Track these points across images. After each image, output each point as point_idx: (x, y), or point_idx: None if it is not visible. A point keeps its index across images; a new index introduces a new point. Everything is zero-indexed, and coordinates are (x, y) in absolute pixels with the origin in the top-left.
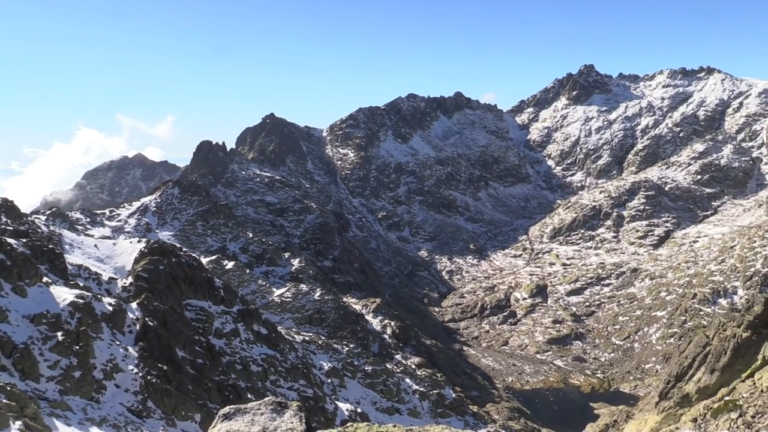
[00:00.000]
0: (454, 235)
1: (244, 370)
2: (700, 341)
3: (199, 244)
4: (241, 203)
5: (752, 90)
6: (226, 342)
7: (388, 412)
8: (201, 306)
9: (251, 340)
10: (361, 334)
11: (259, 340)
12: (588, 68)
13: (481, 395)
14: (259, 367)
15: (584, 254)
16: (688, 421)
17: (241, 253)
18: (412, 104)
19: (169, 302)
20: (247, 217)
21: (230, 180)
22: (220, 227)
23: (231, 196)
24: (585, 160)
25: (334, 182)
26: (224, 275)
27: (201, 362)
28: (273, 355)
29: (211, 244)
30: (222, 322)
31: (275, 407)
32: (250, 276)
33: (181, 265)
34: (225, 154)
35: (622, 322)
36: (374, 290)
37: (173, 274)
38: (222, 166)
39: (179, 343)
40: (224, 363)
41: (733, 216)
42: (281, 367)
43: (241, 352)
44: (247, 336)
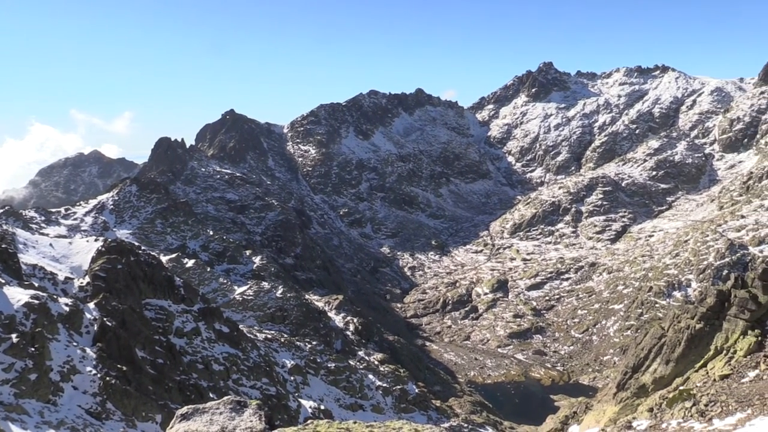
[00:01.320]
0: (416, 231)
1: (206, 370)
2: (655, 333)
3: (159, 243)
4: (201, 201)
5: (705, 88)
6: (187, 341)
7: (352, 408)
8: (161, 305)
9: (213, 338)
10: (324, 331)
11: (221, 338)
12: (547, 66)
13: (443, 390)
14: (220, 366)
15: (544, 249)
16: (645, 411)
17: (202, 251)
18: (374, 101)
19: (127, 302)
20: (207, 215)
21: (190, 177)
22: (180, 225)
23: (191, 193)
24: (544, 156)
25: (296, 179)
26: (184, 274)
27: (161, 362)
28: (235, 354)
29: (170, 243)
30: (182, 321)
31: (234, 406)
32: (211, 274)
33: (140, 264)
34: (184, 151)
35: (581, 316)
36: (336, 287)
37: (132, 273)
38: (181, 163)
39: (139, 343)
40: (185, 362)
41: (686, 211)
42: (243, 366)
43: (202, 351)
44: (208, 335)
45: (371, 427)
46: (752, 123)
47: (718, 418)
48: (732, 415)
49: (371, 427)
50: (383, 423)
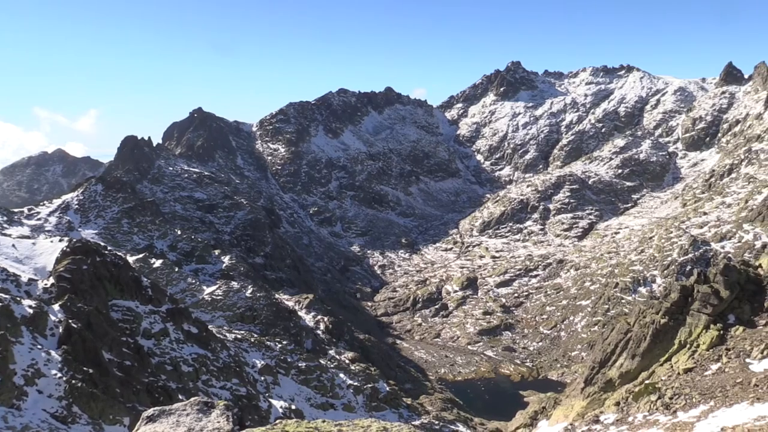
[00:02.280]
0: (386, 229)
1: (175, 371)
2: (621, 328)
3: (125, 243)
4: (169, 200)
5: (668, 88)
6: (155, 342)
7: (323, 407)
8: (128, 306)
9: (181, 339)
10: (294, 330)
11: (190, 339)
12: (515, 65)
13: (414, 388)
14: (189, 367)
15: (513, 247)
16: (612, 405)
17: (169, 250)
18: (343, 99)
19: (93, 303)
20: (175, 214)
21: (157, 176)
22: (147, 225)
23: (158, 192)
24: (513, 154)
25: (265, 178)
26: (152, 274)
27: (129, 364)
28: (204, 355)
29: (137, 242)
30: (150, 322)
31: (201, 407)
32: (179, 274)
33: (106, 265)
34: (151, 150)
35: (549, 312)
36: (307, 286)
37: (98, 273)
38: (148, 162)
39: (105, 345)
40: (153, 364)
41: (651, 208)
42: (213, 367)
43: (170, 352)
44: (176, 336)
45: (340, 425)
46: (714, 122)
47: (683, 410)
48: (695, 407)
49: (340, 425)
50: (352, 421)
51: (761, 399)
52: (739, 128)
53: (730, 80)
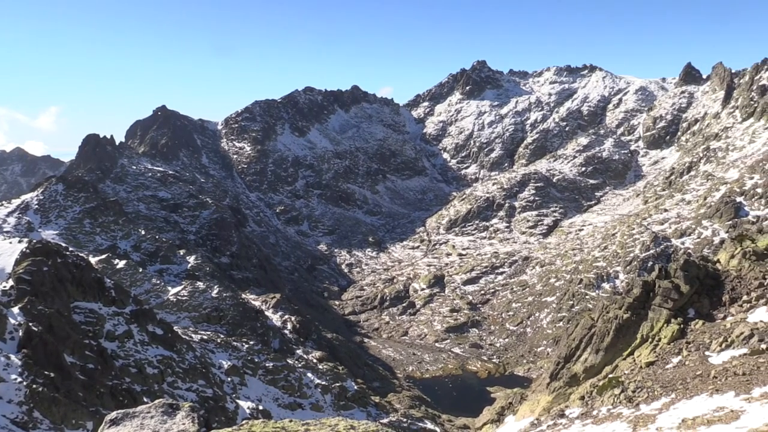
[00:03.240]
0: (353, 228)
1: (139, 373)
2: (586, 324)
3: (88, 243)
4: (132, 199)
5: (630, 87)
6: (118, 345)
7: (291, 407)
8: (90, 308)
9: (146, 341)
10: (261, 330)
11: (155, 341)
12: (480, 64)
13: (382, 386)
14: (155, 369)
15: (479, 244)
16: (577, 399)
17: (133, 251)
18: (309, 97)
19: (55, 305)
20: (138, 214)
21: (120, 175)
22: (110, 225)
23: (121, 191)
24: (478, 153)
25: (231, 176)
26: (115, 275)
27: (92, 367)
28: (170, 356)
29: (100, 243)
30: (114, 324)
31: (166, 409)
32: (144, 275)
33: (68, 266)
34: (114, 148)
35: (515, 309)
36: (274, 286)
37: (59, 275)
38: (111, 161)
39: (67, 348)
40: (117, 367)
41: (614, 205)
42: (179, 368)
43: (135, 354)
44: (141, 337)
45: (307, 425)
46: (674, 121)
47: (645, 403)
48: (657, 399)
49: (307, 425)
50: (319, 420)
51: (720, 390)
52: (697, 127)
53: (689, 80)
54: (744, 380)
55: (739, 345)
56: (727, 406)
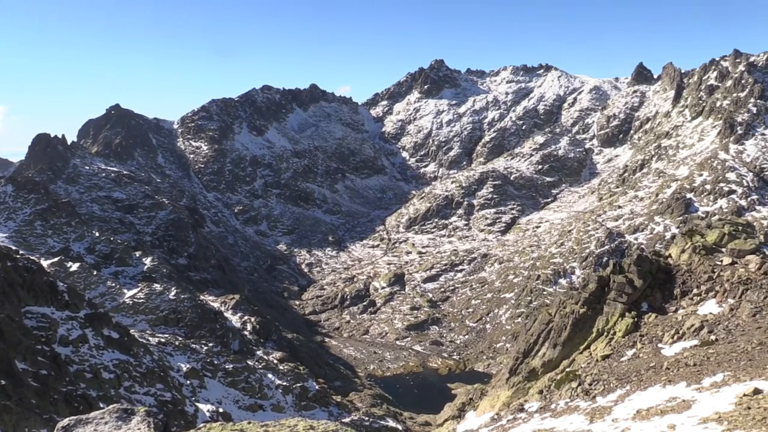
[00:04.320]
0: (313, 227)
1: (95, 378)
2: (543, 319)
3: (39, 246)
4: (86, 200)
5: (584, 87)
6: (73, 349)
7: (251, 409)
8: (43, 312)
9: (101, 345)
10: (221, 332)
11: (110, 345)
12: (438, 63)
13: (344, 385)
14: (111, 373)
15: (438, 242)
16: (535, 393)
17: (87, 253)
18: (267, 96)
19: (4, 310)
20: (92, 215)
21: (72, 176)
22: (62, 227)
23: (73, 192)
24: (437, 151)
25: (187, 176)
26: (68, 278)
27: (45, 373)
28: (126, 360)
29: (52, 245)
30: (67, 328)
31: (120, 414)
32: (98, 277)
33: (18, 269)
34: (65, 148)
35: (475, 305)
36: (233, 286)
37: (9, 279)
38: (62, 161)
39: (19, 355)
40: (72, 372)
41: (570, 202)
42: (136, 372)
43: (90, 359)
44: (96, 342)
45: (266, 426)
46: (627, 120)
47: (601, 395)
48: (613, 392)
49: (266, 426)
50: (278, 421)
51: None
52: (649, 125)
53: (640, 80)
54: (695, 371)
55: (690, 337)
56: (679, 396)
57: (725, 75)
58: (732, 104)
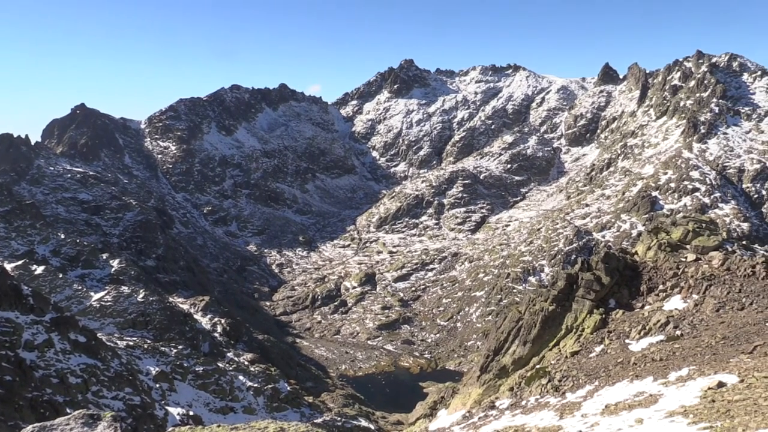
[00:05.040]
0: (283, 227)
1: (62, 383)
2: (513, 317)
3: (2, 249)
4: (50, 202)
5: (552, 86)
6: (38, 354)
7: (222, 411)
8: (6, 317)
9: (68, 350)
10: (190, 334)
11: (77, 349)
12: (408, 63)
13: (315, 385)
14: (78, 378)
15: (409, 241)
16: (506, 391)
17: (52, 256)
18: (236, 96)
19: None
20: (57, 217)
21: (36, 177)
22: (27, 229)
23: (38, 194)
24: (407, 151)
25: (155, 177)
26: (33, 281)
27: (9, 379)
28: (94, 364)
29: (16, 248)
30: (32, 333)
31: (86, 420)
32: (64, 280)
33: None
34: (29, 149)
35: (446, 304)
36: (202, 288)
37: None
38: (26, 162)
39: None
40: (37, 378)
41: (538, 201)
42: (104, 377)
43: (56, 364)
44: (62, 346)
45: (236, 429)
46: (593, 119)
47: (571, 391)
48: (582, 387)
49: (236, 429)
50: (248, 424)
51: (639, 376)
52: (615, 125)
53: (607, 80)
54: (661, 366)
55: (656, 332)
56: (646, 390)
57: (688, 75)
58: (695, 104)
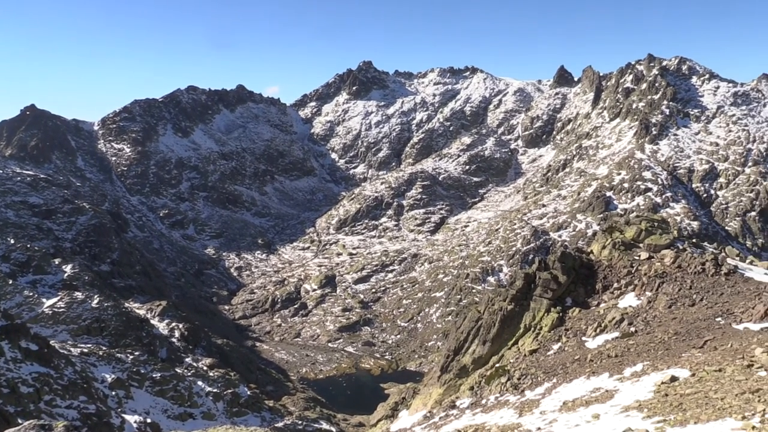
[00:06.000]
0: (242, 230)
1: (12, 393)
2: (473, 317)
3: None
4: None
5: (509, 88)
6: None
7: (181, 418)
8: None
9: (19, 358)
10: (147, 339)
11: (29, 357)
12: (367, 64)
13: (276, 389)
14: (30, 387)
15: (369, 243)
16: (467, 390)
17: (2, 261)
18: (193, 97)
19: None
20: (7, 221)
21: None
22: None
23: None
24: (366, 153)
25: (109, 180)
26: None
27: None
28: (46, 373)
29: None
30: None
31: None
32: (14, 287)
33: None
34: None
35: (406, 305)
36: (159, 293)
37: None
38: None
39: None
40: None
41: (496, 202)
42: (57, 385)
43: (7, 373)
44: (13, 354)
45: None
46: (549, 121)
47: (530, 389)
48: (541, 385)
49: None
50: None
51: (596, 373)
52: (570, 126)
53: (562, 82)
54: (617, 362)
55: (612, 329)
56: (602, 386)
57: (640, 78)
58: (647, 106)
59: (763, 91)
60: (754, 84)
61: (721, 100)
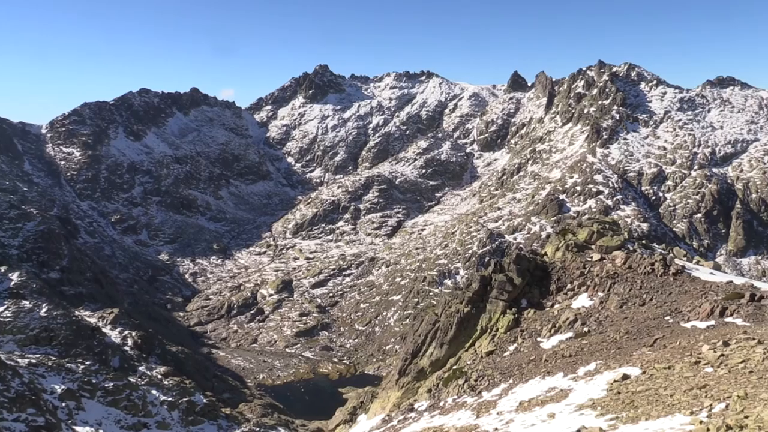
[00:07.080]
0: (196, 235)
1: None
2: (430, 319)
3: None
4: None
5: (464, 93)
6: None
7: (135, 428)
8: None
9: None
10: (99, 349)
11: None
12: (323, 68)
13: (233, 396)
14: None
15: (326, 247)
16: (425, 393)
17: None
18: (145, 99)
19: None
20: None
21: None
22: None
23: None
24: (323, 156)
25: (58, 184)
26: None
27: None
28: None
29: None
30: None
31: None
32: None
33: None
34: None
35: (364, 309)
36: (111, 300)
37: None
38: None
39: None
40: None
41: (453, 205)
42: (3, 398)
43: None
44: None
45: None
46: (504, 125)
47: (486, 390)
48: (497, 386)
49: None
50: None
51: (551, 372)
52: (524, 131)
53: (516, 87)
54: (571, 361)
55: (566, 329)
56: (557, 386)
57: (591, 84)
58: (598, 111)
59: (708, 97)
60: (699, 90)
61: (668, 106)
